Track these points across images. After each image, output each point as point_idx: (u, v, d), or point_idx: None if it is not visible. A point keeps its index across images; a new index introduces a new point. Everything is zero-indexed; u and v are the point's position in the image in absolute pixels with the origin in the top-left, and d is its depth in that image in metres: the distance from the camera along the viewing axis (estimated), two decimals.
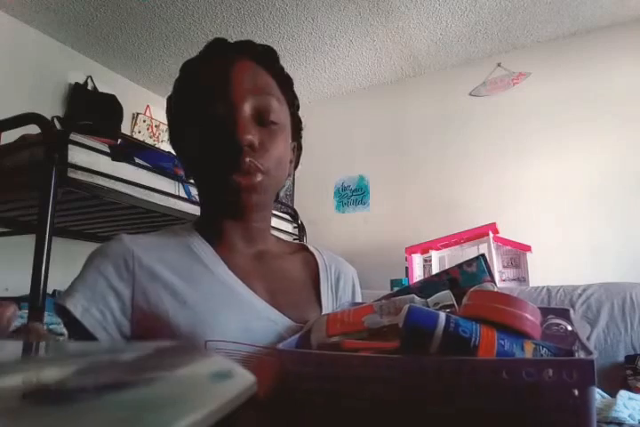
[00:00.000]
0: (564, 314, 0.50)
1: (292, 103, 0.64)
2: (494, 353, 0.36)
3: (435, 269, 2.24)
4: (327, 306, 0.63)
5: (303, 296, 0.63)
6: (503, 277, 2.15)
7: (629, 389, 1.38)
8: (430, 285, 0.54)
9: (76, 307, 0.50)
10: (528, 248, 2.12)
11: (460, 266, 0.54)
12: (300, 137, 0.69)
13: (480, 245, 2.17)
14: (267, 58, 0.61)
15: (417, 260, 2.29)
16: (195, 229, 0.62)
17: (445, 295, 0.47)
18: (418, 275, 2.28)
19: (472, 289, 0.45)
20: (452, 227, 2.28)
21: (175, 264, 0.55)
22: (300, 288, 0.64)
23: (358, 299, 0.72)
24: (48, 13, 2.25)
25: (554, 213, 2.33)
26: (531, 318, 0.39)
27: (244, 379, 0.21)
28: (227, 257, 0.58)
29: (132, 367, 0.22)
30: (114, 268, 0.53)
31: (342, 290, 0.68)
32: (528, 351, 0.37)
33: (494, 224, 2.13)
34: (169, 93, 0.64)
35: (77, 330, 0.50)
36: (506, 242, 2.15)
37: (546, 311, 0.47)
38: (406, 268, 2.29)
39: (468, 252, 2.23)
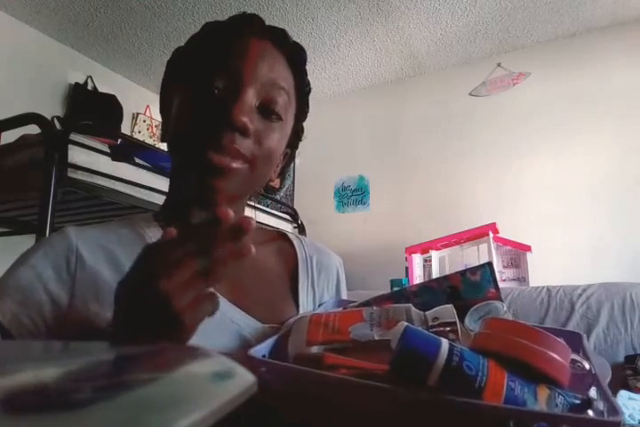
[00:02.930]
0: (573, 338, 0.43)
1: (302, 110, 0.59)
2: (502, 398, 0.30)
3: (435, 270, 2.24)
4: (305, 304, 0.56)
5: (276, 293, 0.56)
6: (503, 278, 2.15)
7: (629, 389, 1.38)
8: (428, 290, 0.49)
9: (4, 313, 0.43)
10: (528, 248, 2.12)
11: (462, 273, 0.48)
12: (296, 147, 0.63)
13: (480, 245, 2.17)
14: (297, 57, 0.58)
15: (417, 260, 2.29)
16: (155, 220, 0.56)
17: (447, 311, 0.42)
18: (418, 275, 2.28)
19: (490, 317, 0.39)
20: (452, 227, 2.28)
21: (124, 264, 0.47)
22: (272, 283, 0.57)
23: (343, 294, 0.65)
24: (48, 13, 2.25)
25: (554, 213, 2.33)
26: (559, 359, 0.33)
27: (244, 379, 0.21)
28: None
29: (132, 367, 0.22)
30: (53, 269, 0.46)
31: (325, 285, 0.62)
32: (542, 398, 0.31)
33: (494, 224, 2.13)
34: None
35: (5, 336, 0.44)
36: (506, 242, 2.15)
37: (554, 333, 0.40)
38: (406, 268, 2.29)
39: (468, 252, 2.23)
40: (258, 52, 0.52)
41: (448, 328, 0.40)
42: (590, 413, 0.31)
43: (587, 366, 0.37)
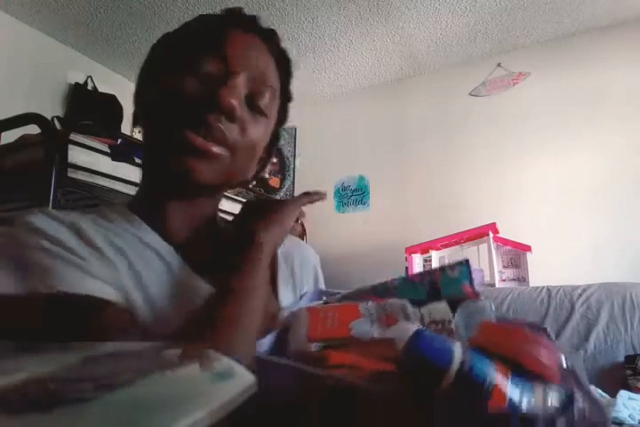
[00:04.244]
0: (539, 330, 0.44)
1: (283, 115, 0.58)
2: (507, 400, 0.32)
3: None
4: (284, 294, 0.58)
5: None
6: (503, 278, 2.15)
7: (629, 389, 1.38)
8: (409, 285, 0.50)
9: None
10: (528, 248, 2.12)
11: (442, 269, 0.49)
12: (271, 154, 0.61)
13: (480, 245, 2.17)
14: (286, 64, 0.56)
15: (417, 260, 2.29)
16: (130, 211, 0.51)
17: (442, 308, 0.42)
18: None
19: (484, 321, 0.40)
20: (452, 227, 2.28)
21: (122, 247, 0.46)
22: None
23: (321, 286, 0.67)
24: (48, 13, 2.25)
25: (554, 213, 2.33)
26: (552, 360, 0.35)
27: (244, 379, 0.21)
28: (169, 240, 0.50)
29: (133, 367, 0.22)
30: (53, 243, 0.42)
31: (304, 277, 0.63)
32: (538, 396, 0.33)
33: (494, 224, 2.13)
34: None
35: None
36: (506, 242, 2.15)
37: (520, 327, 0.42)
38: (406, 268, 2.29)
39: (468, 252, 2.23)
40: (250, 45, 0.51)
41: (441, 326, 0.40)
42: (578, 405, 0.33)
43: (564, 365, 0.38)
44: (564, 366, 0.37)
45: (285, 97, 0.57)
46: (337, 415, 0.34)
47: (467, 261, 0.48)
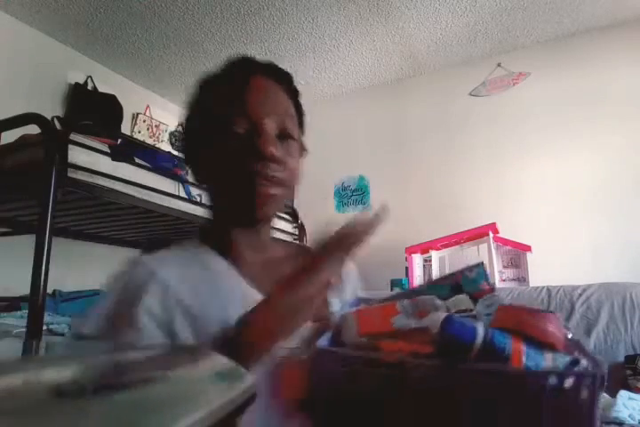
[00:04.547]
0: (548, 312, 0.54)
1: (302, 127, 0.69)
2: (523, 363, 0.40)
3: (435, 270, 2.24)
4: (334, 304, 0.66)
5: None
6: (503, 278, 2.15)
7: (629, 389, 1.38)
8: (435, 286, 0.58)
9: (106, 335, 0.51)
10: (528, 248, 2.12)
11: (462, 271, 0.58)
12: (303, 158, 0.73)
13: (480, 245, 2.17)
14: (292, 85, 0.65)
15: (417, 260, 2.29)
16: (204, 243, 0.64)
17: (464, 300, 0.51)
18: (418, 275, 2.28)
19: (502, 305, 0.49)
20: (452, 227, 2.28)
21: (194, 282, 0.56)
22: None
23: (360, 293, 0.75)
24: (48, 13, 2.25)
25: (554, 213, 2.33)
26: (557, 331, 0.43)
27: (244, 379, 0.21)
28: (240, 269, 0.61)
29: (135, 368, 0.22)
30: (153, 298, 0.53)
31: (345, 286, 0.71)
32: (548, 359, 0.41)
33: (494, 224, 2.13)
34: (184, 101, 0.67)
35: None
36: (506, 242, 2.15)
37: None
38: (406, 268, 2.29)
39: (468, 252, 2.23)
40: (270, 88, 0.61)
41: (466, 314, 0.48)
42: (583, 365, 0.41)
43: (569, 335, 0.48)
44: (569, 336, 0.46)
45: (300, 113, 0.67)
46: (392, 387, 0.43)
47: (482, 264, 0.59)
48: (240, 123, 0.58)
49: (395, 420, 0.44)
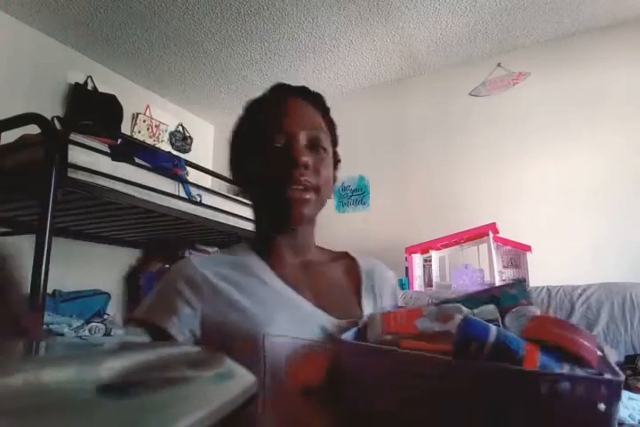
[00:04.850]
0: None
1: (334, 137, 0.78)
2: (537, 366, 0.40)
3: (435, 270, 2.24)
4: (367, 307, 0.71)
5: (345, 299, 0.72)
6: (503, 278, 2.15)
7: (629, 389, 1.38)
8: (470, 299, 0.60)
9: (171, 327, 0.61)
10: (528, 248, 2.12)
11: (502, 287, 0.60)
12: (338, 168, 0.81)
13: (480, 245, 2.17)
14: (319, 101, 0.76)
15: (417, 260, 2.29)
16: (249, 247, 0.74)
17: (490, 309, 0.52)
18: (418, 275, 2.28)
19: (534, 315, 0.50)
20: (452, 227, 2.28)
21: (232, 279, 0.66)
22: (342, 292, 0.73)
23: (397, 300, 0.80)
24: (48, 13, 2.25)
25: (554, 213, 2.33)
26: (591, 346, 0.43)
27: (244, 379, 0.21)
28: (277, 269, 0.70)
29: (136, 368, 0.22)
30: (187, 287, 0.64)
31: (382, 292, 0.76)
32: (564, 369, 0.41)
33: (494, 224, 2.13)
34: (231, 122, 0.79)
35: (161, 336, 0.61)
36: (506, 242, 2.15)
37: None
38: (406, 268, 2.29)
39: (468, 252, 2.23)
40: (297, 110, 0.71)
41: (491, 324, 0.48)
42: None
43: (598, 352, 0.47)
44: (600, 353, 0.46)
45: (331, 126, 0.77)
46: (407, 378, 0.46)
47: (524, 280, 0.63)
48: (278, 138, 0.68)
49: (409, 409, 0.46)
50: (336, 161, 0.79)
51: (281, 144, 0.67)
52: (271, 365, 0.58)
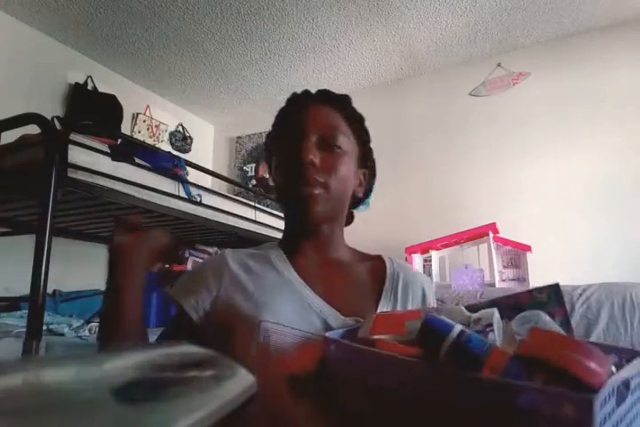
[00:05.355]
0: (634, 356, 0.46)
1: (360, 137, 0.81)
2: (499, 374, 0.37)
3: (435, 270, 2.24)
4: (383, 308, 0.71)
5: (362, 299, 0.72)
6: (503, 278, 2.15)
7: None
8: (493, 305, 0.55)
9: (190, 307, 0.68)
10: (528, 248, 2.12)
11: (530, 292, 0.55)
12: (371, 166, 0.85)
13: (480, 245, 2.17)
14: (339, 103, 0.77)
15: (417, 260, 2.29)
16: (278, 244, 0.78)
17: (489, 313, 0.50)
18: None
19: (534, 327, 0.44)
20: (452, 227, 2.28)
21: (254, 270, 0.71)
22: (360, 292, 0.74)
23: (430, 304, 0.78)
24: (48, 13, 2.25)
25: (554, 213, 2.33)
26: (599, 368, 0.35)
27: (244, 379, 0.21)
28: (297, 264, 0.72)
29: (137, 368, 0.22)
30: (212, 273, 0.70)
31: (407, 297, 0.75)
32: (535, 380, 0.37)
33: (494, 224, 2.13)
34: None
35: (188, 324, 0.68)
36: (506, 242, 2.15)
37: (616, 352, 0.47)
38: None
39: (468, 252, 2.23)
40: (315, 113, 0.74)
41: (488, 329, 0.46)
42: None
43: (613, 369, 0.39)
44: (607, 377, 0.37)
45: (355, 124, 0.79)
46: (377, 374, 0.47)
47: (557, 285, 0.54)
48: (291, 140, 0.71)
49: (379, 409, 0.46)
50: (365, 160, 0.82)
51: (294, 143, 0.70)
52: (261, 349, 0.60)
